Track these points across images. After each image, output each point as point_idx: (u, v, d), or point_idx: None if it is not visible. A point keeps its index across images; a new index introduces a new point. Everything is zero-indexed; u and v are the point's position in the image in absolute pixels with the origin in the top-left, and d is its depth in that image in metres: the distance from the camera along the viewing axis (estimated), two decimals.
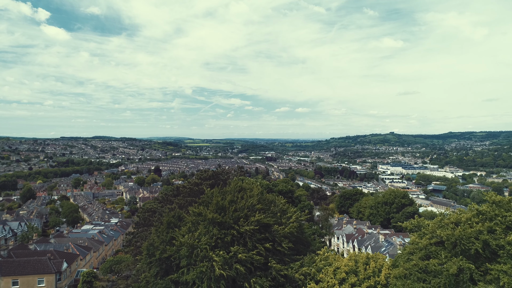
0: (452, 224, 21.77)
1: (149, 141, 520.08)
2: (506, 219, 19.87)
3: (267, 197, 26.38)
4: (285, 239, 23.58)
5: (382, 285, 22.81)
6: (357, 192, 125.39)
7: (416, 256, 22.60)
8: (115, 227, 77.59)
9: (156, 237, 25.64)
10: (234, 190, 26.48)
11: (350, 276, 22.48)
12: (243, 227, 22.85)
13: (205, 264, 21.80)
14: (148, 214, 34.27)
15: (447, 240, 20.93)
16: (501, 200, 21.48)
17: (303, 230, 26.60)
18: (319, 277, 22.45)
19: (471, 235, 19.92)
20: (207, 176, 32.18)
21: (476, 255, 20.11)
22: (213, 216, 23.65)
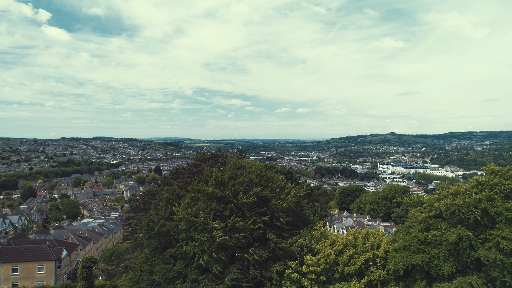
0: (451, 195, 21.76)
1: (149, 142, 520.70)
2: (504, 187, 19.87)
3: (266, 174, 26.40)
4: (283, 213, 23.58)
5: (381, 258, 22.77)
6: (358, 188, 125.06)
7: (415, 229, 22.58)
8: (115, 221, 77.57)
9: (155, 213, 25.66)
10: (233, 167, 26.51)
11: (348, 248, 22.43)
12: (241, 200, 22.87)
13: (205, 235, 21.81)
14: (148, 197, 34.29)
15: (446, 210, 20.91)
16: (500, 170, 21.49)
17: (301, 207, 26.60)
18: (316, 249, 22.42)
19: (470, 204, 19.91)
20: (206, 157, 32.26)
21: (475, 224, 20.09)
22: (212, 191, 23.67)
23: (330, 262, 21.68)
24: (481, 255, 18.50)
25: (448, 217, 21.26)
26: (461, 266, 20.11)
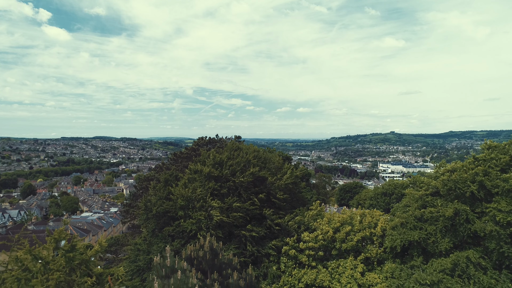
0: (448, 172, 21.78)
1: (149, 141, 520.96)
2: (501, 161, 19.89)
3: (263, 155, 26.43)
4: (280, 191, 23.63)
5: (378, 236, 22.79)
6: (357, 185, 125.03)
7: (412, 207, 22.61)
8: (114, 215, 77.61)
9: (153, 194, 25.68)
10: (231, 149, 26.55)
11: (345, 226, 22.46)
12: (238, 179, 22.91)
13: (202, 213, 21.86)
14: (145, 183, 34.31)
15: (443, 187, 20.94)
16: (496, 145, 21.53)
17: (298, 187, 26.65)
18: (313, 226, 22.46)
19: (466, 179, 19.94)
20: (204, 142, 32.31)
21: (472, 199, 20.11)
22: (210, 170, 23.71)
23: (327, 239, 21.72)
24: (477, 228, 18.52)
25: (445, 193, 21.28)
26: (458, 241, 20.12)
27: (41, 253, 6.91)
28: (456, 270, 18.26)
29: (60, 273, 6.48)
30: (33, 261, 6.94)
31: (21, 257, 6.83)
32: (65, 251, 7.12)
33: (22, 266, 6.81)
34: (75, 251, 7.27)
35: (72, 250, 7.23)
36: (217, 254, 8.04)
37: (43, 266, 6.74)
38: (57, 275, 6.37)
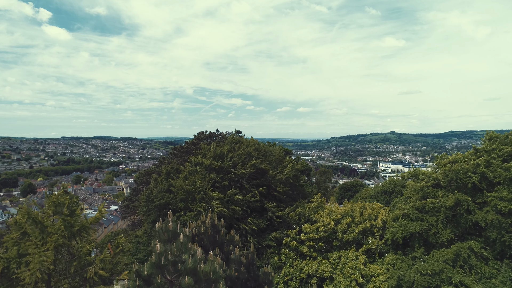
0: (449, 164, 21.73)
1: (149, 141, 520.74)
2: (502, 152, 19.84)
3: (264, 148, 26.40)
4: (281, 184, 23.58)
5: (379, 228, 22.73)
6: (357, 183, 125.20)
7: (413, 199, 22.55)
8: (115, 213, 77.56)
9: (155, 187, 25.65)
10: (231, 142, 26.51)
11: (346, 218, 22.41)
12: (240, 171, 22.87)
13: (202, 204, 21.81)
14: (147, 177, 34.27)
15: (444, 178, 20.89)
16: (498, 136, 21.48)
17: (299, 180, 26.61)
18: (314, 218, 22.41)
19: (468, 170, 19.88)
20: (204, 136, 32.28)
21: (473, 189, 20.06)
22: (211, 162, 23.66)
23: (328, 230, 21.67)
24: (478, 218, 18.47)
25: (446, 184, 21.24)
26: (459, 232, 20.08)
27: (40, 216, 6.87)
28: (458, 261, 18.21)
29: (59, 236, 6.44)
30: (31, 225, 6.90)
31: (20, 220, 6.79)
32: (64, 215, 7.08)
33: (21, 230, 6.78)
34: (75, 216, 7.24)
35: (71, 215, 7.18)
36: (219, 231, 8.01)
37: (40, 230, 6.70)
38: (55, 237, 6.33)
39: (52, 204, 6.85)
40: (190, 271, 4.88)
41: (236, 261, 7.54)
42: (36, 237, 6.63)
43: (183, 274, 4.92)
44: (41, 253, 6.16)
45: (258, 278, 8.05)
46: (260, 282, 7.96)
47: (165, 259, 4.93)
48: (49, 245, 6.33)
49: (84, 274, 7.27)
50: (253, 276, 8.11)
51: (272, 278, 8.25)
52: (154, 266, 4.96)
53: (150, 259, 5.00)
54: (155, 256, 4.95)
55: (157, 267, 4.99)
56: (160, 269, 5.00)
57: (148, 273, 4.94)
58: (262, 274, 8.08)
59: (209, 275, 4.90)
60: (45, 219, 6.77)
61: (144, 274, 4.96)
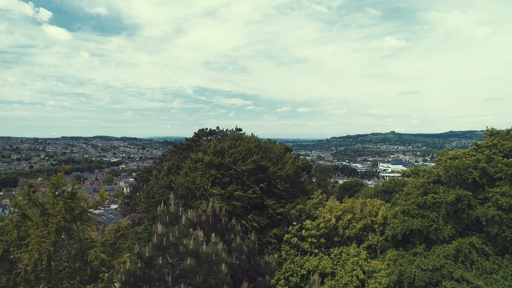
0: (450, 160, 21.68)
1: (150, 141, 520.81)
2: (504, 147, 19.82)
3: (265, 145, 26.37)
4: (281, 181, 23.56)
5: (379, 224, 22.70)
6: (358, 183, 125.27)
7: (413, 195, 22.50)
8: (115, 211, 77.56)
9: (155, 183, 25.63)
10: (232, 138, 26.48)
11: (346, 214, 22.39)
12: (240, 167, 22.84)
13: (202, 201, 21.77)
14: (147, 174, 34.25)
15: (445, 173, 20.84)
16: (499, 131, 21.46)
17: (300, 177, 26.57)
18: (315, 214, 22.38)
19: (469, 166, 19.85)
20: (205, 133, 32.24)
21: (474, 185, 20.02)
22: (211, 159, 23.63)
23: (329, 227, 21.64)
24: (479, 214, 18.43)
25: (447, 180, 21.20)
26: (460, 228, 20.04)
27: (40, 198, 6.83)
28: (459, 256, 18.18)
29: (60, 218, 6.39)
30: (32, 208, 6.86)
31: (20, 202, 6.75)
32: (65, 197, 7.04)
33: (21, 212, 6.74)
34: (75, 199, 7.19)
35: (72, 197, 7.14)
36: (220, 220, 7.97)
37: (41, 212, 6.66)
38: (56, 219, 6.28)
39: (52, 186, 6.82)
40: (192, 253, 4.84)
41: (238, 250, 7.51)
42: (36, 219, 6.60)
43: (185, 256, 4.88)
44: (41, 233, 6.13)
45: (260, 267, 8.01)
46: (261, 271, 7.92)
47: (167, 240, 4.90)
48: (50, 227, 6.30)
49: (85, 257, 7.25)
50: (254, 265, 8.08)
51: (273, 268, 8.21)
52: (156, 247, 4.92)
53: (152, 240, 4.97)
54: (156, 238, 4.91)
55: (158, 249, 4.95)
56: (161, 251, 4.96)
57: (150, 255, 4.91)
58: (264, 264, 8.05)
59: (211, 257, 4.86)
60: (46, 201, 6.73)
61: (146, 256, 4.92)
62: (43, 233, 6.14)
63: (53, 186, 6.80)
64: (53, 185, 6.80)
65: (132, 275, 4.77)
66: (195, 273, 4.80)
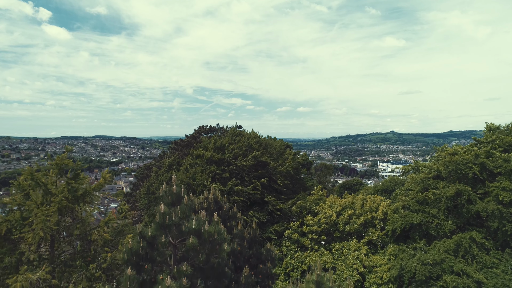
0: (449, 155, 21.70)
1: (149, 140, 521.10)
2: (503, 141, 19.84)
3: (265, 141, 26.38)
4: (282, 176, 23.57)
5: (380, 219, 22.72)
6: (357, 182, 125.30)
7: (414, 190, 22.51)
8: (114, 210, 77.72)
9: (156, 179, 25.62)
10: (232, 134, 26.49)
11: (347, 210, 22.40)
12: (240, 162, 22.85)
13: (201, 197, 21.77)
14: (147, 171, 34.24)
15: (445, 169, 20.85)
16: (498, 126, 21.48)
17: (300, 173, 26.58)
18: (316, 210, 22.40)
19: (468, 161, 19.86)
20: (205, 130, 32.25)
21: (474, 180, 20.04)
22: (212, 155, 23.63)
23: (330, 222, 21.65)
24: (479, 209, 18.45)
25: (447, 175, 21.21)
26: (461, 222, 20.06)
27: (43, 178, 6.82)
28: (459, 251, 18.19)
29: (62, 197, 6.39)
30: (35, 188, 6.87)
31: (23, 183, 6.76)
32: (68, 178, 7.04)
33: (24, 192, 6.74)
34: (78, 179, 7.20)
35: (75, 178, 7.14)
36: (221, 207, 7.98)
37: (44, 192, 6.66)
38: (59, 198, 6.28)
39: (55, 166, 6.81)
40: (194, 232, 4.85)
41: (239, 236, 7.52)
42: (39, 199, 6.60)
43: (188, 234, 4.88)
44: (45, 211, 6.13)
45: (261, 255, 8.02)
46: (262, 259, 7.93)
47: (169, 219, 4.90)
48: (53, 206, 6.29)
49: (88, 237, 7.27)
50: (256, 253, 8.08)
51: (274, 255, 8.22)
52: (158, 226, 4.92)
53: (154, 220, 4.97)
54: (159, 216, 4.91)
55: (161, 228, 4.95)
56: (164, 229, 4.97)
57: (152, 235, 4.91)
58: (265, 251, 8.05)
59: (214, 236, 4.87)
60: (49, 181, 6.73)
61: (148, 236, 4.92)
62: (48, 211, 6.15)
63: (57, 167, 6.80)
64: (57, 166, 6.80)
65: (135, 254, 4.78)
66: (198, 252, 4.81)
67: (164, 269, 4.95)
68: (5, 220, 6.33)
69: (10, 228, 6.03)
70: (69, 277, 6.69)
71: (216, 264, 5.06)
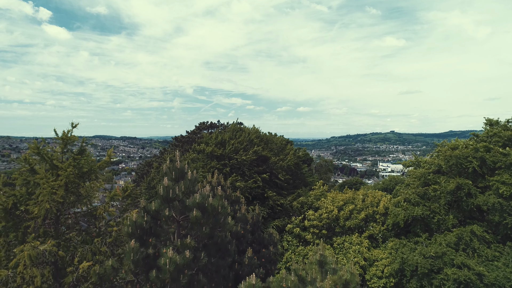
0: (450, 150, 21.70)
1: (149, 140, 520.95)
2: (502, 135, 19.84)
3: (266, 137, 26.40)
4: (283, 171, 23.57)
5: (381, 214, 22.71)
6: (357, 181, 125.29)
7: (414, 185, 22.52)
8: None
9: (156, 174, 25.64)
10: (233, 130, 26.51)
11: (348, 205, 22.39)
12: (241, 157, 22.86)
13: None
14: (148, 167, 34.25)
15: (446, 163, 20.85)
16: (498, 121, 21.48)
17: (301, 168, 26.58)
18: (317, 204, 22.39)
19: (469, 154, 19.87)
20: (205, 126, 32.26)
21: (474, 174, 20.04)
22: (213, 149, 23.64)
23: (331, 217, 21.64)
24: (480, 202, 18.46)
25: (447, 170, 21.21)
26: (461, 216, 20.07)
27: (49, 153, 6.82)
28: (460, 244, 18.19)
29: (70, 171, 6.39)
30: (40, 162, 6.87)
31: (29, 158, 6.75)
32: (74, 153, 7.04)
33: (29, 166, 6.74)
34: (84, 155, 7.19)
35: (81, 153, 7.14)
36: (225, 191, 7.97)
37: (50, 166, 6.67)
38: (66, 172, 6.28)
39: (62, 141, 6.80)
40: (198, 206, 4.84)
41: (242, 219, 7.52)
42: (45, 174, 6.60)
43: (191, 208, 4.88)
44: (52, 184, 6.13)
45: (264, 240, 8.02)
46: (265, 243, 7.93)
47: (173, 192, 4.90)
48: (60, 180, 6.29)
49: (94, 212, 7.29)
50: (258, 238, 8.09)
51: (277, 240, 8.22)
52: (162, 199, 4.92)
53: (158, 193, 4.97)
54: (162, 190, 4.91)
55: (165, 201, 4.95)
56: (167, 203, 4.96)
57: (156, 209, 4.90)
58: (267, 236, 8.05)
59: (218, 210, 4.87)
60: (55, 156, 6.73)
61: (152, 210, 4.92)
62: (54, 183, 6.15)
63: (63, 142, 6.80)
64: (63, 141, 6.80)
65: (139, 227, 4.77)
66: (201, 226, 4.81)
67: (168, 244, 4.95)
68: (11, 194, 6.33)
69: (15, 203, 6.03)
70: (75, 251, 6.71)
71: (219, 240, 5.06)
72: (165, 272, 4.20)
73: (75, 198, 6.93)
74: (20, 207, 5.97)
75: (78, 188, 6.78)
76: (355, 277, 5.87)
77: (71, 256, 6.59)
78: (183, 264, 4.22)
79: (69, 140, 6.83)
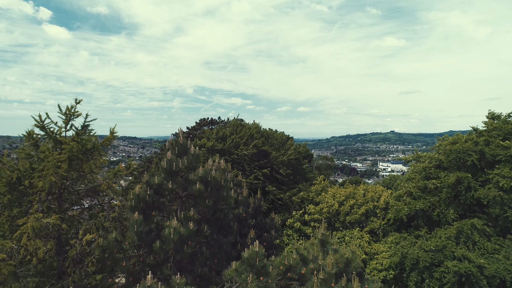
0: (450, 144, 21.73)
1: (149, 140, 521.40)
2: (503, 129, 19.87)
3: (267, 132, 26.44)
4: (283, 166, 23.61)
5: (381, 208, 22.73)
6: (358, 181, 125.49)
7: (415, 179, 22.53)
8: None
9: (156, 170, 25.65)
10: (234, 125, 26.55)
11: (349, 200, 22.42)
12: (242, 152, 22.90)
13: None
14: (148, 164, 34.24)
15: (446, 158, 20.88)
16: (499, 114, 21.49)
17: (301, 164, 26.61)
18: (318, 199, 22.42)
19: (469, 148, 19.91)
20: (206, 122, 32.27)
21: (474, 168, 20.07)
22: (213, 144, 23.67)
23: (332, 212, 21.67)
24: (480, 195, 18.49)
25: (448, 165, 21.24)
26: (462, 210, 20.08)
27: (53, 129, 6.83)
28: (461, 237, 18.22)
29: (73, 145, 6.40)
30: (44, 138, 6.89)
31: (33, 133, 6.77)
32: (77, 128, 7.06)
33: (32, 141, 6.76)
34: (88, 130, 7.21)
35: (84, 128, 7.16)
36: (226, 175, 7.99)
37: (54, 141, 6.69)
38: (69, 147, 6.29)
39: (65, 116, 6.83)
40: (201, 180, 4.87)
41: (244, 203, 7.54)
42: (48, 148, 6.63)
43: (195, 182, 4.90)
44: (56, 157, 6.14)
45: (265, 224, 8.05)
46: (267, 228, 7.96)
47: (176, 166, 4.92)
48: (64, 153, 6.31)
49: (97, 187, 7.32)
50: (260, 222, 8.11)
51: (278, 225, 8.25)
52: (165, 172, 4.94)
53: (161, 167, 4.99)
54: (166, 163, 4.94)
55: (167, 174, 4.97)
56: (171, 176, 4.99)
57: (159, 183, 4.93)
58: (269, 220, 8.09)
59: (221, 183, 4.90)
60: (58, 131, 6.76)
61: (155, 183, 4.94)
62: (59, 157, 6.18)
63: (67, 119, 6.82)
64: (66, 115, 6.82)
65: (142, 200, 4.80)
66: (204, 198, 4.83)
67: (171, 217, 4.97)
68: (16, 169, 6.36)
69: (19, 177, 6.05)
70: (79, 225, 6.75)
71: (222, 216, 5.09)
72: (169, 242, 4.23)
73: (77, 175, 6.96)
74: (24, 182, 6.00)
75: (82, 165, 6.80)
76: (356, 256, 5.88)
77: (75, 231, 6.63)
78: (187, 235, 4.24)
79: (72, 116, 6.85)
